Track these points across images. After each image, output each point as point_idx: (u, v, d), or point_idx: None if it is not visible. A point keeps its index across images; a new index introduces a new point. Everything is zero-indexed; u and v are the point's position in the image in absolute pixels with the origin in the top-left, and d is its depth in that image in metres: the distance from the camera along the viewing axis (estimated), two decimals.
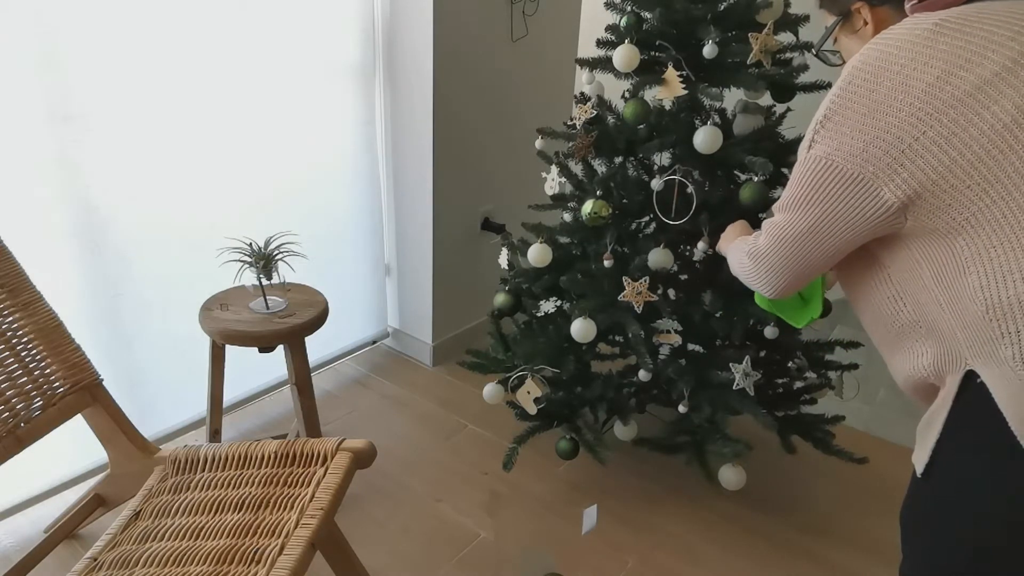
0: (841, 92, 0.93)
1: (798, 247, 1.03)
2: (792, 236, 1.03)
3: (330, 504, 1.26)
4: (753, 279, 1.14)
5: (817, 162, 0.95)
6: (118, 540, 1.26)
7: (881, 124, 0.89)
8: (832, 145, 0.93)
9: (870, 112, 0.90)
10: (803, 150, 0.98)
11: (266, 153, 2.08)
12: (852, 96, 0.92)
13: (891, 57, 0.90)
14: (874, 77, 0.90)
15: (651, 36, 1.69)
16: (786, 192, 1.03)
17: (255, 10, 1.92)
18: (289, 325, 1.77)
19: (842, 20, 1.08)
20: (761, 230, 1.10)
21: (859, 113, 0.91)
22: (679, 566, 1.77)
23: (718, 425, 1.80)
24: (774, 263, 1.08)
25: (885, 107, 0.89)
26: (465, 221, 2.53)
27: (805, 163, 0.97)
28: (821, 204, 0.97)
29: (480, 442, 2.21)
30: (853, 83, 0.92)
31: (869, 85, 0.91)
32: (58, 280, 1.72)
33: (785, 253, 1.05)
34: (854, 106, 0.91)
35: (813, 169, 0.96)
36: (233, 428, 2.23)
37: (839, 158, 0.93)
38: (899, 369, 1.05)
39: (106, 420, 1.47)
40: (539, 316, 1.93)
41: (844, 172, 0.93)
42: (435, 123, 2.25)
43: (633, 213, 1.81)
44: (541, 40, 2.53)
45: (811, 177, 0.97)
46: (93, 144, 1.71)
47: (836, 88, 0.94)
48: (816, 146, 0.95)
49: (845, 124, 0.92)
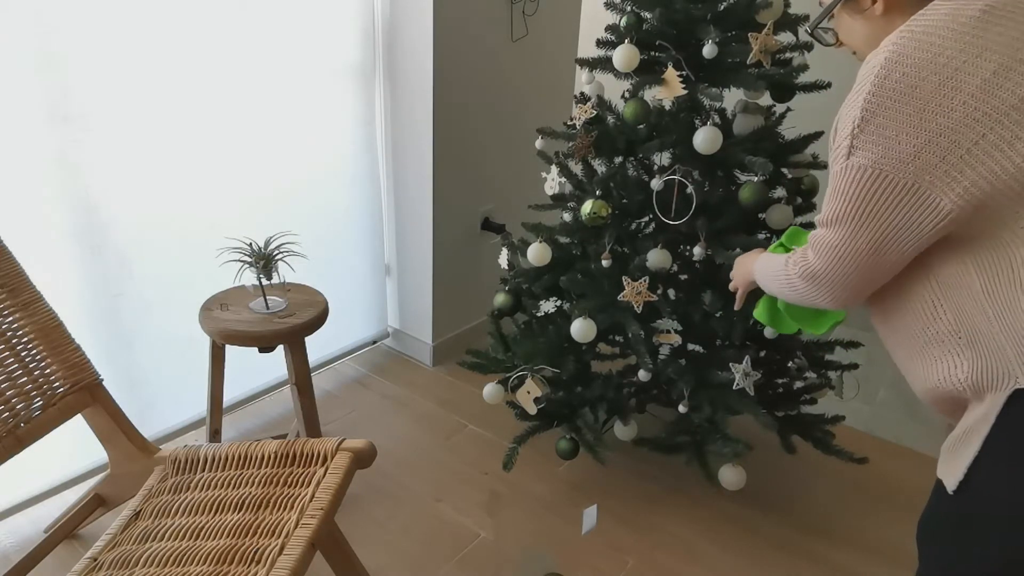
0: (877, 89, 0.82)
1: (858, 263, 0.93)
2: (849, 254, 0.92)
3: (330, 504, 1.26)
4: (813, 298, 1.02)
5: (863, 172, 0.85)
6: (118, 540, 1.26)
7: (933, 126, 0.80)
8: (877, 152, 0.83)
9: (918, 112, 0.80)
10: (840, 157, 0.88)
11: (266, 153, 2.08)
12: (892, 93, 0.82)
13: (934, 47, 0.80)
14: (916, 71, 0.80)
15: (651, 36, 1.69)
16: (831, 205, 0.92)
17: (255, 10, 1.92)
18: (289, 325, 1.77)
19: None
20: (809, 247, 1.00)
21: (904, 113, 0.81)
22: (679, 566, 1.77)
23: (718, 425, 1.80)
24: (836, 280, 0.96)
25: (935, 106, 0.79)
26: (465, 221, 2.53)
27: (847, 173, 0.87)
28: (876, 219, 0.87)
29: (480, 442, 2.21)
30: (890, 78, 0.82)
31: (911, 80, 0.80)
32: (58, 280, 1.72)
33: (845, 270, 0.94)
34: (897, 105, 0.81)
35: (859, 180, 0.86)
36: (233, 428, 2.23)
37: (888, 167, 0.83)
38: (922, 377, 0.98)
39: (106, 420, 1.47)
40: (539, 316, 1.93)
41: (896, 183, 0.83)
42: (435, 123, 2.25)
43: (633, 213, 1.81)
44: (541, 40, 2.53)
45: (859, 190, 0.87)
46: (93, 144, 1.71)
47: (868, 84, 0.84)
48: (858, 153, 0.85)
49: (889, 127, 0.82)
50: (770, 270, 1.12)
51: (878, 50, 0.85)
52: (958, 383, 0.91)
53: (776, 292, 1.13)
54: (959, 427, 0.94)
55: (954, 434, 0.94)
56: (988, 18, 0.79)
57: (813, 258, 0.98)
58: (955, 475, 0.91)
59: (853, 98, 0.86)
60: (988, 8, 0.80)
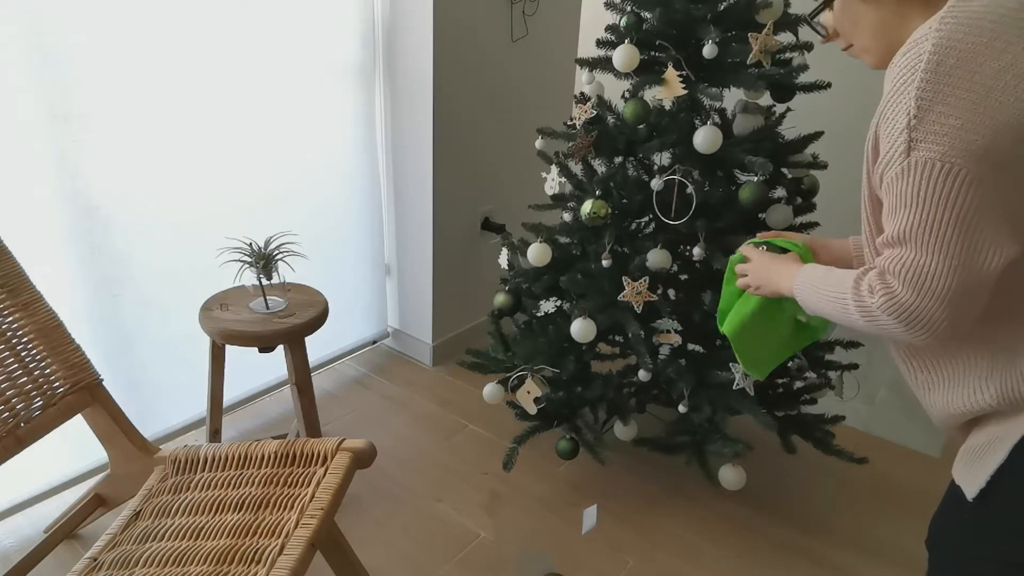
0: (932, 76, 0.75)
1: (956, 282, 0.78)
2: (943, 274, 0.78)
3: (330, 504, 1.26)
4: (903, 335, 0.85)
5: (931, 166, 0.75)
6: (118, 540, 1.26)
7: (1001, 116, 0.72)
8: (944, 143, 0.74)
9: (982, 99, 0.73)
10: (897, 159, 0.77)
11: (266, 153, 2.08)
12: (948, 79, 0.74)
13: (986, 32, 0.74)
14: (972, 56, 0.74)
15: (651, 36, 1.69)
16: (899, 218, 0.80)
17: (255, 10, 1.92)
18: (289, 325, 1.77)
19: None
20: (890, 275, 0.84)
21: (967, 102, 0.73)
22: (679, 566, 1.77)
23: (718, 425, 1.80)
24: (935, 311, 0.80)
25: (999, 91, 0.73)
26: (465, 221, 2.53)
27: (912, 173, 0.76)
28: (960, 223, 0.75)
29: (480, 442, 2.21)
30: (943, 64, 0.74)
31: (968, 65, 0.74)
32: (58, 280, 1.72)
33: (941, 296, 0.79)
34: (958, 93, 0.73)
35: (929, 177, 0.75)
36: (233, 428, 2.23)
37: (959, 158, 0.74)
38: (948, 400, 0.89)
39: (106, 420, 1.47)
40: (539, 316, 1.93)
41: (972, 175, 0.74)
42: (435, 123, 2.25)
43: (633, 213, 1.81)
44: (541, 40, 2.53)
45: (931, 190, 0.76)
46: (93, 144, 1.71)
47: (918, 73, 0.76)
48: (921, 147, 0.75)
49: (952, 115, 0.74)
50: (827, 290, 0.94)
51: (916, 39, 0.77)
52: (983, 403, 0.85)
53: (833, 317, 0.94)
54: (982, 435, 0.88)
55: (976, 442, 0.89)
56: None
57: (901, 289, 0.81)
58: (976, 483, 0.86)
59: (896, 96, 0.78)
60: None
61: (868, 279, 0.87)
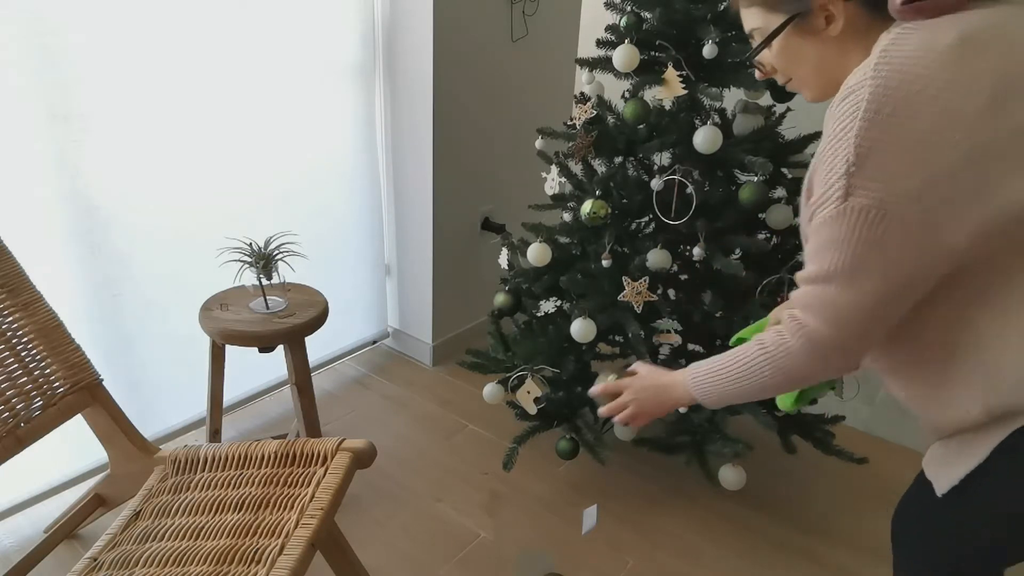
0: (870, 124, 0.76)
1: (872, 316, 0.84)
2: (859, 308, 0.83)
3: (330, 504, 1.26)
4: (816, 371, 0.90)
5: (866, 213, 0.78)
6: (118, 540, 1.26)
7: (937, 161, 0.75)
8: (881, 190, 0.77)
9: (918, 147, 0.75)
10: (833, 202, 0.80)
11: (266, 153, 2.08)
12: (888, 127, 0.76)
13: (920, 79, 0.75)
14: (908, 105, 0.75)
15: (651, 36, 1.69)
16: (826, 257, 0.83)
17: (255, 10, 1.92)
18: (289, 325, 1.77)
19: (798, 17, 0.89)
20: (801, 310, 0.89)
21: (904, 149, 0.75)
22: (679, 566, 1.77)
23: (718, 425, 1.80)
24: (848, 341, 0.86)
25: (936, 140, 0.75)
26: (465, 221, 2.53)
27: (846, 217, 0.79)
28: (886, 264, 0.80)
29: (480, 442, 2.21)
30: (881, 112, 0.76)
31: (906, 113, 0.75)
32: (58, 280, 1.72)
33: (858, 328, 0.85)
34: (895, 140, 0.76)
35: (863, 222, 0.78)
36: (233, 428, 2.23)
37: (895, 205, 0.76)
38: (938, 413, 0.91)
39: (106, 420, 1.47)
40: (539, 316, 1.93)
41: (904, 220, 0.77)
42: (435, 123, 2.25)
43: (633, 213, 1.81)
44: (541, 40, 2.53)
45: (863, 233, 0.78)
46: (93, 144, 1.71)
47: (856, 121, 0.77)
48: (859, 192, 0.77)
49: (890, 163, 0.76)
50: (737, 366, 0.97)
51: (857, 85, 0.78)
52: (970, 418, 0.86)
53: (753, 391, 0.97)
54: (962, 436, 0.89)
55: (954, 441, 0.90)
56: (967, 46, 0.75)
57: (816, 322, 0.86)
58: (950, 480, 0.89)
59: (836, 142, 0.79)
60: (963, 38, 0.76)
61: (772, 333, 0.92)
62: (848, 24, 0.86)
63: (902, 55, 0.77)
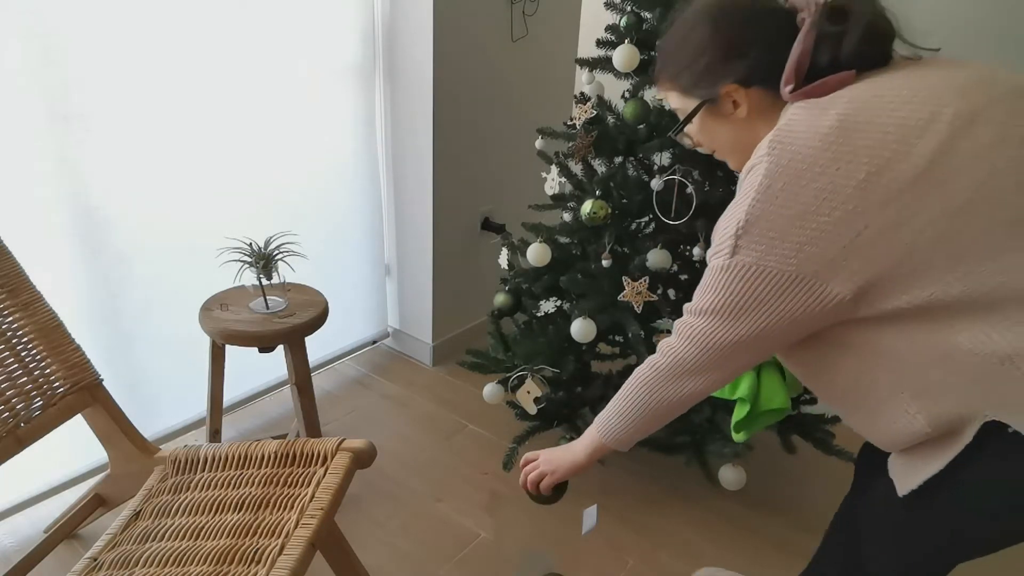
0: (761, 198, 0.86)
1: (736, 352, 0.96)
2: (728, 343, 0.95)
3: (330, 504, 1.26)
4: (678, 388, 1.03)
5: (746, 268, 0.89)
6: (118, 540, 1.26)
7: (814, 225, 0.84)
8: (761, 251, 0.87)
9: (799, 216, 0.85)
10: (723, 255, 0.91)
11: (266, 153, 2.08)
12: (775, 201, 0.86)
13: (807, 158, 0.85)
14: (795, 181, 0.85)
15: (651, 36, 1.69)
16: (707, 297, 0.95)
17: (255, 10, 1.92)
18: (289, 325, 1.77)
19: (708, 103, 1.00)
20: (675, 335, 1.02)
21: (786, 217, 0.85)
22: (679, 566, 1.77)
23: (718, 425, 1.80)
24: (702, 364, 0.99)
25: (815, 209, 0.84)
26: (465, 221, 2.53)
27: (730, 270, 0.91)
28: (759, 311, 0.91)
29: (480, 442, 2.21)
30: (772, 189, 0.86)
31: (792, 189, 0.85)
32: (58, 280, 1.72)
33: (719, 359, 0.98)
34: (780, 210, 0.85)
35: (742, 276, 0.90)
36: (233, 428, 2.23)
37: (772, 262, 0.87)
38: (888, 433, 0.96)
39: (106, 420, 1.47)
40: (539, 316, 1.93)
41: (780, 275, 0.87)
42: (435, 123, 2.25)
43: (633, 213, 1.81)
44: (541, 40, 2.53)
45: (742, 285, 0.90)
46: (93, 144, 1.71)
47: (752, 192, 0.87)
48: (741, 252, 0.89)
49: (772, 229, 0.86)
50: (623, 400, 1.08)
51: (757, 162, 0.89)
52: (921, 430, 0.90)
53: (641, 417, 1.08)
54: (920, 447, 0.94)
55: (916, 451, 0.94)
56: (845, 127, 0.84)
57: (682, 346, 1.00)
58: (909, 483, 0.94)
59: (737, 205, 0.90)
60: (841, 119, 0.84)
61: (653, 358, 1.05)
62: (753, 107, 0.97)
63: (792, 136, 0.87)
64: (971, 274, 0.81)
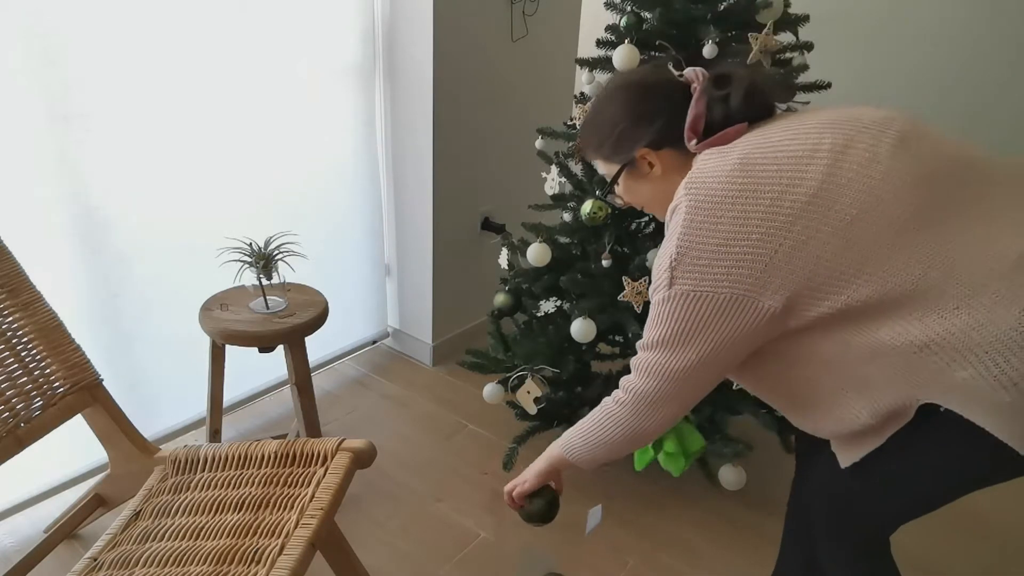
0: (686, 232, 0.98)
1: (690, 378, 1.05)
2: (681, 370, 1.04)
3: (330, 504, 1.26)
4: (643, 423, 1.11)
5: (686, 297, 0.99)
6: (118, 540, 1.26)
7: (737, 250, 0.95)
8: (695, 278, 0.98)
9: (722, 243, 0.96)
10: (661, 289, 1.01)
11: (266, 153, 2.08)
12: (699, 233, 0.97)
13: (720, 193, 0.97)
14: (713, 214, 0.97)
15: (651, 36, 1.69)
16: (654, 331, 1.03)
17: (255, 10, 1.92)
18: (289, 325, 1.77)
19: (628, 166, 1.14)
20: (633, 372, 1.10)
21: (711, 246, 0.96)
22: (679, 566, 1.77)
23: (718, 425, 1.80)
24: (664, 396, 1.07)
25: (734, 236, 0.95)
26: (465, 221, 2.53)
27: (669, 301, 1.00)
28: (703, 334, 1.00)
29: (480, 442, 2.21)
30: (694, 223, 0.98)
31: (711, 221, 0.97)
32: (58, 280, 1.72)
33: (674, 386, 1.06)
34: (704, 241, 0.97)
35: (683, 304, 0.99)
36: (233, 428, 2.23)
37: (707, 287, 0.97)
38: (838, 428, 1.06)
39: (106, 420, 1.47)
40: (539, 316, 1.93)
41: (716, 298, 0.97)
42: (435, 123, 2.25)
43: (633, 213, 1.81)
44: (541, 40, 2.53)
45: (683, 312, 0.99)
46: (93, 144, 1.71)
47: (679, 228, 0.99)
48: (678, 282, 0.99)
49: (702, 258, 0.97)
50: (590, 427, 1.17)
51: (678, 203, 1.01)
52: (864, 420, 1.01)
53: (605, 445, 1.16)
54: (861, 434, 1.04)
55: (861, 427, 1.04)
56: (746, 164, 0.98)
57: (641, 381, 1.08)
58: (852, 457, 1.07)
59: (668, 242, 1.01)
60: (742, 157, 0.99)
61: (615, 395, 1.13)
62: (665, 166, 1.11)
63: (703, 176, 1.00)
64: (874, 276, 0.92)
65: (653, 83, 1.14)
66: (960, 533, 1.88)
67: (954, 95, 2.37)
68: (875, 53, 2.44)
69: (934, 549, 1.82)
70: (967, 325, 0.89)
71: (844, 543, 1.21)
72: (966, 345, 0.89)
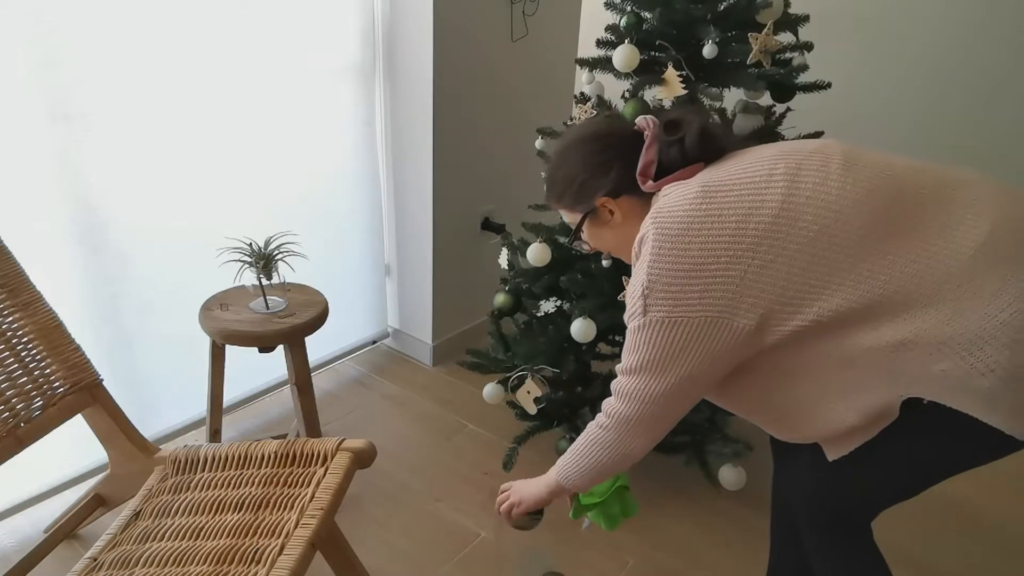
0: (656, 260, 1.01)
1: (671, 400, 1.07)
2: (661, 394, 1.06)
3: (330, 504, 1.26)
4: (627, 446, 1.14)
5: (661, 324, 1.02)
6: (118, 540, 1.26)
7: (707, 274, 0.99)
8: (669, 305, 1.01)
9: (692, 269, 1.00)
10: (637, 316, 1.03)
11: (266, 153, 2.08)
12: (668, 261, 1.01)
13: (686, 220, 1.01)
14: (680, 241, 1.01)
15: (651, 36, 1.69)
16: (633, 357, 1.06)
17: (255, 10, 1.92)
18: (289, 325, 1.77)
19: (590, 215, 1.18)
20: (614, 397, 1.13)
21: (682, 272, 1.00)
22: (679, 566, 1.77)
23: (718, 425, 1.80)
24: (646, 419, 1.10)
25: (703, 260, 0.99)
26: (465, 221, 2.53)
27: (646, 328, 1.03)
28: (681, 357, 1.03)
29: (480, 442, 2.21)
30: (662, 251, 1.01)
31: (680, 248, 1.00)
32: (58, 280, 1.72)
33: (655, 408, 1.09)
34: (675, 268, 1.00)
35: (659, 331, 1.02)
36: (233, 428, 2.23)
37: (681, 313, 1.01)
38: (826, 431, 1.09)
39: (106, 420, 1.47)
40: (539, 316, 1.93)
41: (691, 322, 1.00)
42: (435, 123, 2.25)
43: None
44: (541, 40, 2.53)
45: (660, 338, 1.03)
46: (93, 144, 1.71)
47: (648, 257, 1.02)
48: (652, 310, 1.02)
49: (673, 284, 1.00)
50: (579, 453, 1.20)
51: (645, 232, 1.05)
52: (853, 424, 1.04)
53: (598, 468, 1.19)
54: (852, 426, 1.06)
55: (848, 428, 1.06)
56: (708, 192, 1.02)
57: (622, 405, 1.11)
58: (840, 451, 1.09)
59: (638, 272, 1.05)
60: (704, 186, 1.03)
61: (598, 419, 1.16)
62: (625, 212, 1.15)
63: (668, 206, 1.04)
64: (843, 285, 0.97)
65: (607, 134, 1.19)
66: (951, 526, 1.88)
67: (954, 95, 2.37)
68: (875, 53, 2.44)
69: (924, 542, 1.82)
70: (938, 320, 0.94)
71: (827, 533, 1.24)
72: (939, 339, 0.93)
